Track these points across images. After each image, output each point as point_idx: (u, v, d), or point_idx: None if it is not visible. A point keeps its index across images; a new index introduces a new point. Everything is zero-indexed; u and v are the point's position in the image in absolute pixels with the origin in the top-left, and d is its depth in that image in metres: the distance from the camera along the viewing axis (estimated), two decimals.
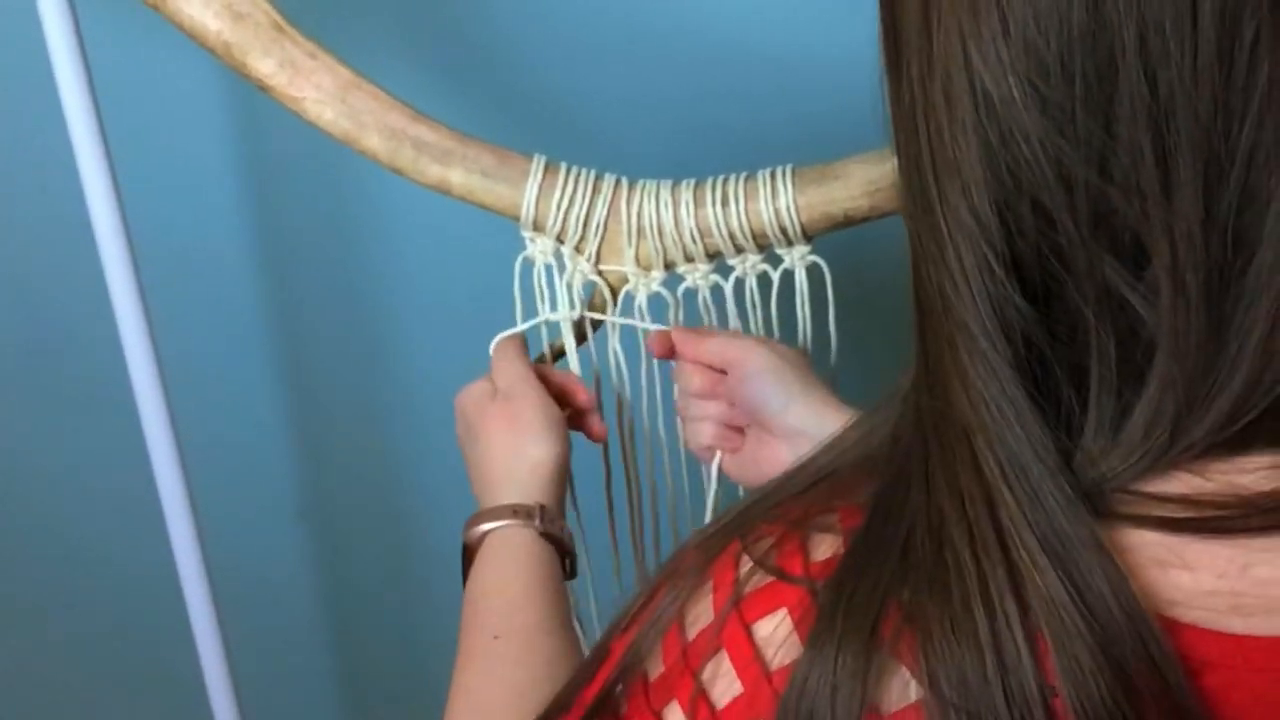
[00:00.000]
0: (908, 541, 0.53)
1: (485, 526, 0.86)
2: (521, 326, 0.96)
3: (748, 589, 0.55)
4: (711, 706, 0.56)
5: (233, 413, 1.28)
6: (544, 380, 0.92)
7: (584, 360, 0.98)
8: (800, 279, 0.94)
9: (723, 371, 0.91)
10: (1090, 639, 0.50)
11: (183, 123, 1.17)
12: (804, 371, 0.89)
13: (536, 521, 0.85)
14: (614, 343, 0.97)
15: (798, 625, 0.54)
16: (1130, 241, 0.50)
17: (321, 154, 1.10)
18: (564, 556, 0.87)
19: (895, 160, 0.55)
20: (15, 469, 1.30)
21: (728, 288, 0.95)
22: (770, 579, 0.55)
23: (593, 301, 0.96)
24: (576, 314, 0.95)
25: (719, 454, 0.92)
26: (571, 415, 0.94)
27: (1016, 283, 0.51)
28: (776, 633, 0.54)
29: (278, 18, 0.91)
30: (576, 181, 0.93)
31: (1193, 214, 0.48)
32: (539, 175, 0.93)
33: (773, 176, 0.92)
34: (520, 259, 0.95)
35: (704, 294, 0.95)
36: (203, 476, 1.12)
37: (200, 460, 1.12)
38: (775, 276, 0.94)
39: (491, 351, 0.94)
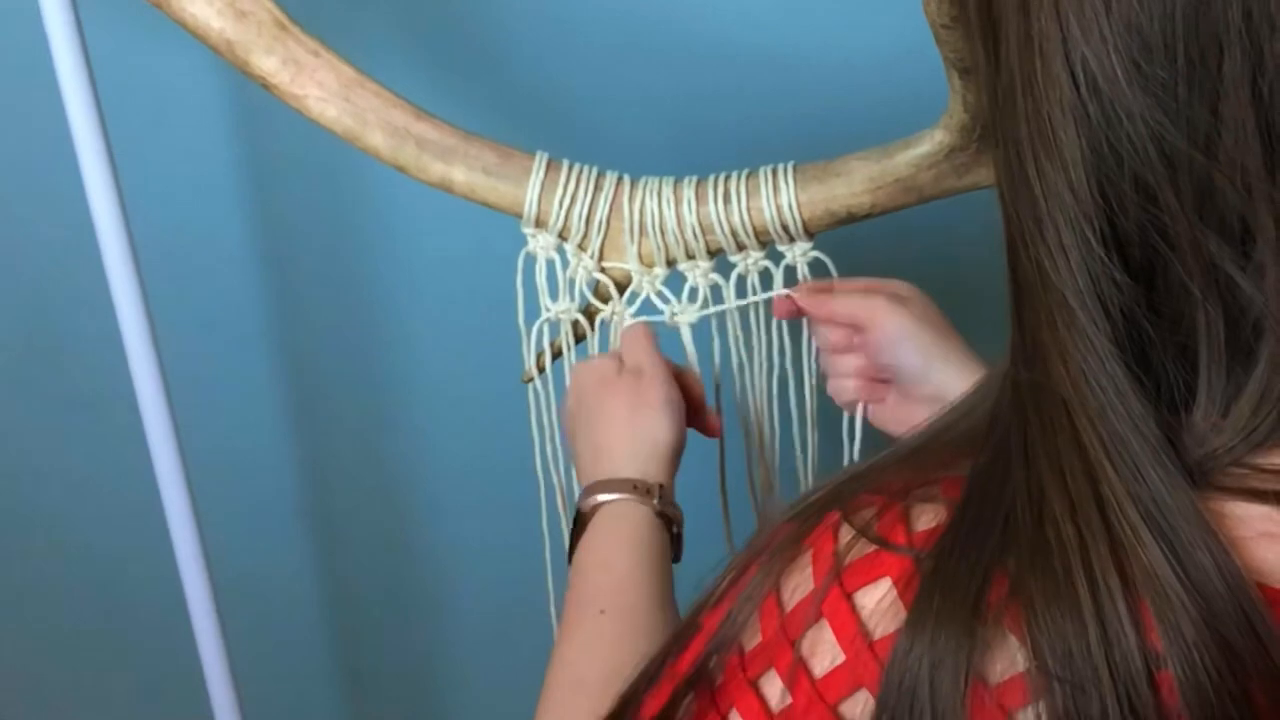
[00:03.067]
0: (1010, 514, 0.53)
1: (603, 497, 0.85)
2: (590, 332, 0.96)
3: (849, 559, 0.56)
4: (810, 675, 0.56)
5: (234, 412, 1.28)
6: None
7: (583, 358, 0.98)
8: (803, 276, 0.94)
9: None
10: (1194, 612, 0.50)
11: (185, 121, 1.17)
12: (939, 328, 0.88)
13: (655, 500, 0.85)
14: (616, 343, 0.97)
15: (901, 594, 0.54)
16: (1236, 221, 0.50)
17: (324, 152, 1.10)
18: (675, 539, 0.86)
19: (992, 138, 0.55)
20: (16, 469, 1.30)
21: (729, 286, 0.95)
22: (872, 548, 0.55)
23: (595, 298, 0.96)
24: (578, 310, 0.96)
25: (863, 405, 0.92)
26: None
27: (1118, 259, 0.51)
28: (879, 602, 0.55)
29: (280, 16, 0.91)
30: (579, 179, 0.93)
31: None
32: (541, 172, 0.93)
33: (774, 174, 0.92)
34: (522, 256, 0.95)
35: (704, 291, 0.95)
36: (204, 476, 1.12)
37: (201, 460, 1.12)
38: (778, 274, 0.95)
39: (621, 333, 0.94)
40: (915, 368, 0.88)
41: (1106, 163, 0.51)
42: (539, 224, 0.94)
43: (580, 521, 0.86)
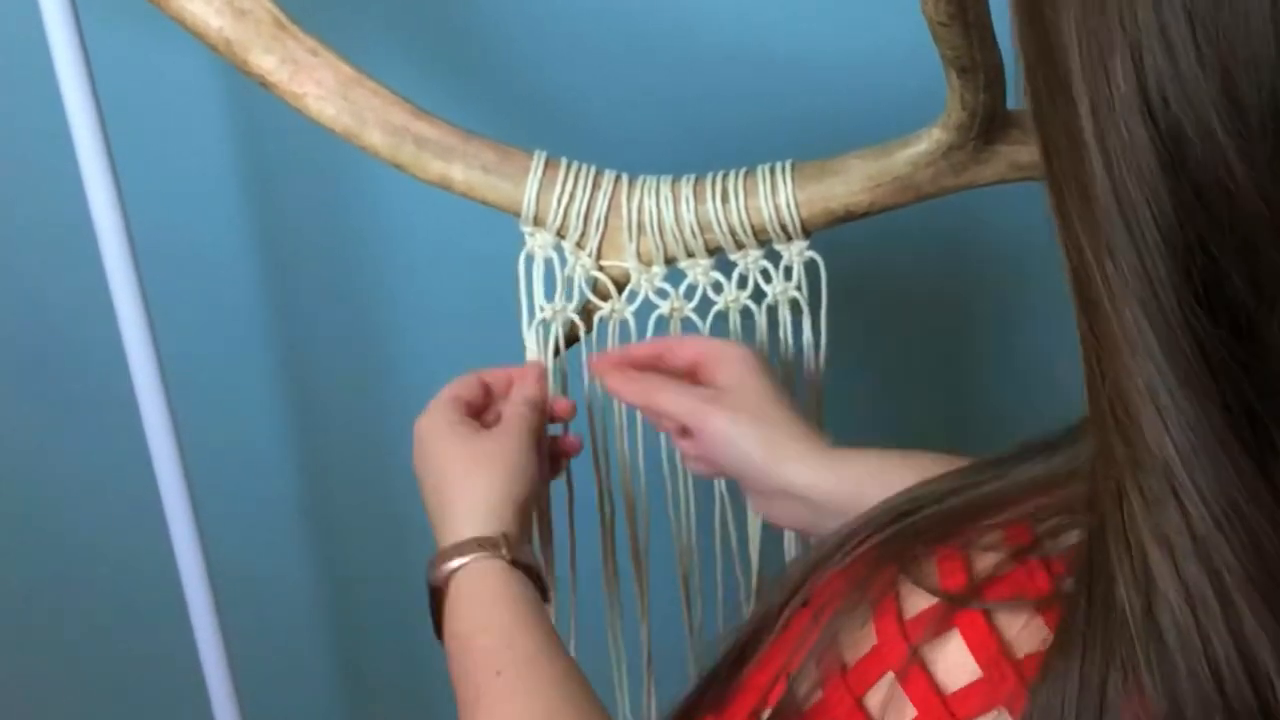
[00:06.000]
0: (1119, 603, 0.49)
1: (452, 564, 0.82)
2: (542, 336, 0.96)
3: (925, 651, 0.52)
4: None
5: (233, 411, 1.28)
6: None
7: (575, 359, 0.98)
8: (799, 275, 0.94)
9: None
10: None
11: (183, 120, 1.17)
12: (765, 414, 0.85)
13: (503, 550, 0.81)
14: (614, 345, 0.97)
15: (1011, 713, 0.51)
16: None
17: (323, 151, 1.10)
18: (537, 581, 0.83)
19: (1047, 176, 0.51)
20: (16, 469, 1.30)
21: (730, 284, 0.95)
22: (955, 632, 0.52)
23: (594, 296, 0.96)
24: (576, 308, 0.96)
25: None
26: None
27: (1206, 314, 0.47)
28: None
29: (279, 14, 0.91)
30: (577, 177, 0.93)
31: None
32: (540, 171, 0.93)
33: (772, 172, 0.92)
34: (522, 255, 0.95)
35: (704, 288, 0.95)
36: (203, 475, 1.12)
37: (201, 459, 1.12)
38: (777, 273, 0.95)
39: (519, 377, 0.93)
40: (753, 467, 0.85)
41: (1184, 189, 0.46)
42: (537, 222, 0.94)
43: (436, 596, 0.82)
